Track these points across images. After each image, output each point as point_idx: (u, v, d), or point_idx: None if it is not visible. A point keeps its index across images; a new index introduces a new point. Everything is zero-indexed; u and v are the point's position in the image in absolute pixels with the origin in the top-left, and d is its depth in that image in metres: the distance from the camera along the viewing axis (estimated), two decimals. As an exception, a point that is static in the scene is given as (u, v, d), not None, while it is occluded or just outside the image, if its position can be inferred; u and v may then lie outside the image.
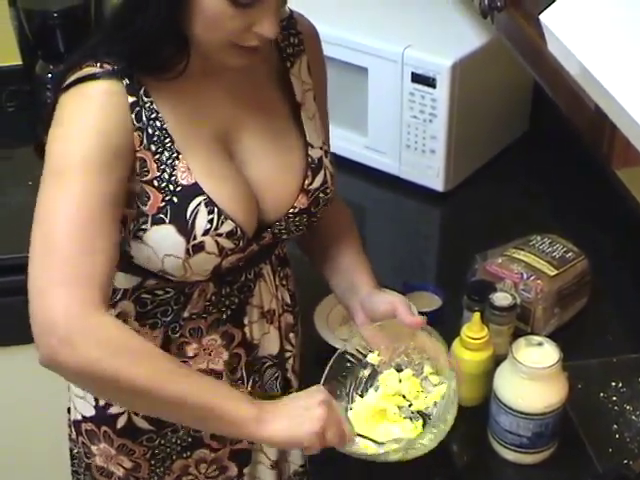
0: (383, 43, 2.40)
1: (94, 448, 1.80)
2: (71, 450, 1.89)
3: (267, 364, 1.78)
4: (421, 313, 2.02)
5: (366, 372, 1.68)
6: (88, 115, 1.44)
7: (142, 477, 1.80)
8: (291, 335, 1.81)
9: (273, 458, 1.85)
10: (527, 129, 2.72)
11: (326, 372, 1.63)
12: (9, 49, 2.74)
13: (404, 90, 2.40)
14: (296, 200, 1.63)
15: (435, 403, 1.64)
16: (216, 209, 1.51)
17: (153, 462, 1.78)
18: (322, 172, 1.66)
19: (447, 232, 2.52)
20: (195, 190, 1.50)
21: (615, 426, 1.84)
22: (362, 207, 2.57)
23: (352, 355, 1.67)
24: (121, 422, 1.74)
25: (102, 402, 1.74)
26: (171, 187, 1.50)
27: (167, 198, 1.50)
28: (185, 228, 1.50)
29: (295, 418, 1.47)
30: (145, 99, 1.48)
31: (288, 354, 1.81)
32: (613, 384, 1.92)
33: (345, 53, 2.43)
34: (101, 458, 1.80)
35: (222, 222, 1.52)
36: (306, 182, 1.64)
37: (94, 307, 1.38)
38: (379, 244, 2.44)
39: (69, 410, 1.84)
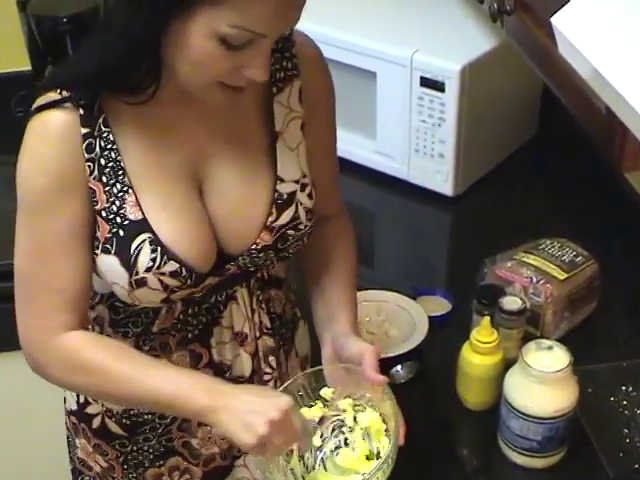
0: (392, 47, 2.40)
1: (77, 441, 1.83)
2: (67, 437, 1.90)
3: None
4: (431, 317, 2.04)
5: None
6: (39, 156, 1.46)
7: (117, 478, 1.81)
8: (271, 358, 1.74)
9: (257, 477, 1.81)
10: (536, 133, 2.72)
11: (288, 383, 1.61)
12: (19, 54, 2.74)
13: (413, 94, 2.40)
14: (258, 237, 1.57)
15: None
16: (159, 248, 1.48)
17: (126, 467, 1.79)
18: (292, 208, 1.58)
19: (456, 236, 2.52)
20: (141, 226, 1.48)
21: (626, 430, 1.83)
22: (370, 211, 2.57)
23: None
24: (95, 423, 1.76)
25: (82, 399, 1.76)
26: (118, 220, 1.48)
27: (114, 230, 1.49)
28: (128, 262, 1.49)
29: (239, 424, 1.45)
30: (103, 129, 1.46)
31: (267, 377, 1.74)
32: (623, 388, 1.91)
33: (354, 57, 2.43)
34: (82, 452, 1.83)
35: (165, 262, 1.49)
36: (270, 219, 1.56)
37: (55, 333, 1.54)
38: (388, 248, 2.45)
39: (65, 400, 1.85)
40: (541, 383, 1.70)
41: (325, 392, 1.61)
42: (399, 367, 1.96)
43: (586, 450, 1.80)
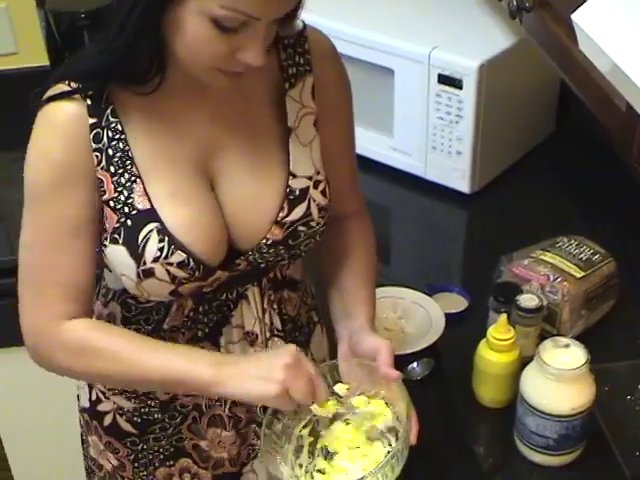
0: (410, 44, 2.40)
1: (89, 438, 1.83)
2: (81, 435, 1.90)
3: None
4: (447, 314, 2.04)
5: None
6: (45, 146, 1.48)
7: (127, 477, 1.81)
8: None
9: None
10: (553, 130, 2.72)
11: None
12: (37, 50, 2.75)
13: (430, 91, 2.39)
14: (268, 231, 1.56)
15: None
16: (167, 238, 1.48)
17: (136, 465, 1.79)
18: (304, 204, 1.57)
19: (473, 234, 2.51)
20: (149, 216, 1.49)
21: (642, 429, 1.83)
22: (387, 208, 2.57)
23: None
24: (107, 420, 1.77)
25: (94, 397, 1.76)
26: (126, 210, 1.49)
27: (122, 220, 1.49)
28: (136, 252, 1.49)
29: (253, 380, 1.46)
30: (111, 119, 1.47)
31: None
32: (640, 387, 1.91)
33: (371, 54, 2.43)
34: (93, 450, 1.83)
35: (172, 252, 1.49)
36: (281, 214, 1.56)
37: (56, 319, 1.54)
38: (404, 245, 2.45)
39: (78, 397, 1.86)
40: (558, 381, 1.69)
41: (339, 388, 1.60)
42: (415, 364, 1.96)
43: (602, 448, 1.80)
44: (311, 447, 1.60)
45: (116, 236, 1.50)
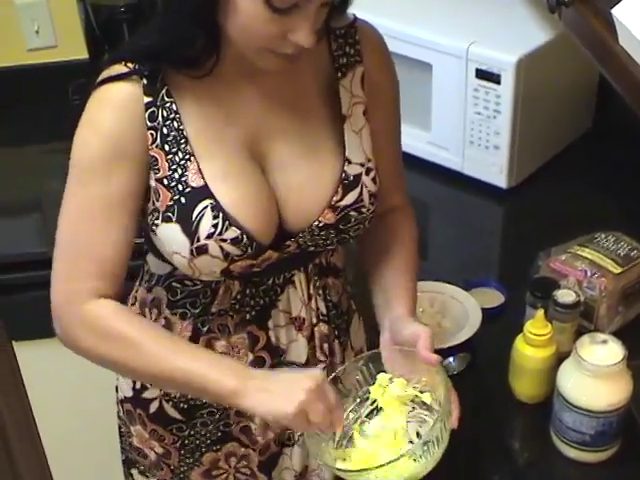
0: (448, 39, 2.40)
1: (132, 428, 1.84)
2: (119, 427, 1.91)
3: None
4: (484, 309, 2.03)
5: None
6: (99, 121, 1.50)
7: (172, 464, 1.82)
8: (325, 346, 1.76)
9: (297, 469, 1.84)
10: (591, 126, 2.70)
11: (345, 365, 1.63)
12: (76, 43, 2.77)
13: (468, 86, 2.39)
14: (321, 215, 1.59)
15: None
16: (221, 214, 1.50)
17: (183, 452, 1.80)
18: (357, 190, 1.60)
19: (510, 229, 2.50)
20: (203, 193, 1.50)
21: (679, 426, 1.82)
22: (425, 203, 2.57)
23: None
24: (153, 407, 1.77)
25: (138, 385, 1.77)
26: (180, 187, 1.51)
27: (175, 197, 1.51)
28: (190, 229, 1.51)
29: (275, 397, 1.46)
30: (166, 99, 1.50)
31: (322, 365, 1.75)
32: (678, 384, 1.90)
33: (409, 49, 2.43)
34: (137, 439, 1.84)
35: (226, 228, 1.51)
36: (335, 198, 1.58)
37: (84, 298, 1.54)
38: (442, 240, 2.45)
39: (117, 389, 1.87)
40: (595, 377, 1.69)
41: (381, 378, 1.61)
42: (451, 359, 1.96)
43: (639, 446, 1.79)
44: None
45: (169, 214, 1.52)
